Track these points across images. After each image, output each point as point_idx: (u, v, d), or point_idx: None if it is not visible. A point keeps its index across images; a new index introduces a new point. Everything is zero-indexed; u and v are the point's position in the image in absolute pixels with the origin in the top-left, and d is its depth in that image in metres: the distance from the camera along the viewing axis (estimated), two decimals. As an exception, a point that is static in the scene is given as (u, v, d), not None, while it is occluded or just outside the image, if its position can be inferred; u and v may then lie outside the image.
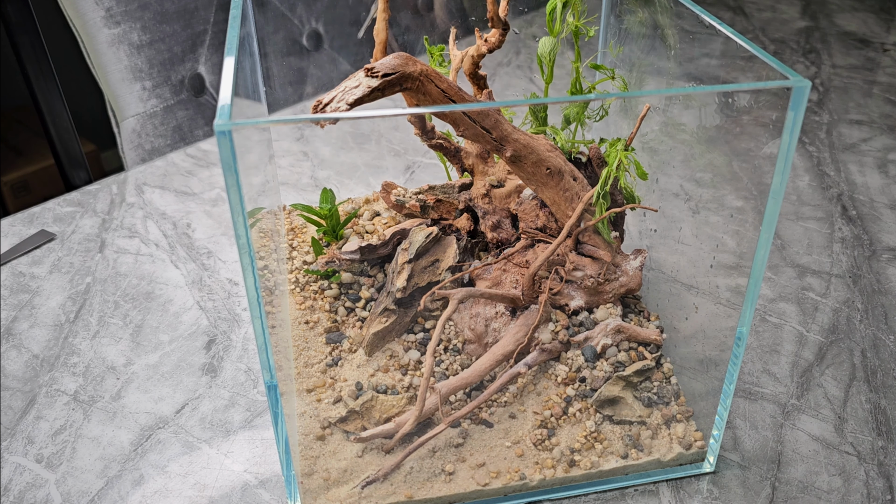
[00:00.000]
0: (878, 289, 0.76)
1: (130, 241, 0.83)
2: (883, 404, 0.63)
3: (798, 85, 0.42)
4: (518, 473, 0.55)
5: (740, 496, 0.56)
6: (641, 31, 0.61)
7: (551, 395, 0.57)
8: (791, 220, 0.86)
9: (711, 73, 0.53)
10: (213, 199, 0.89)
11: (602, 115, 0.63)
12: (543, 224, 0.60)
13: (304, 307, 0.64)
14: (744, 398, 0.64)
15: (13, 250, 0.81)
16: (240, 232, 0.40)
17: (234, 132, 0.38)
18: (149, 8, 1.16)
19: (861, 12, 1.42)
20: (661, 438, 0.57)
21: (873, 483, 0.57)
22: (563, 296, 0.59)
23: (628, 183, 0.60)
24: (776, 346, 0.69)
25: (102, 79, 1.16)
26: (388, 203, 0.67)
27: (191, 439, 0.60)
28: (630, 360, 0.58)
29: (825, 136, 1.02)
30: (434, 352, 0.53)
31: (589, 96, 0.49)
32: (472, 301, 0.59)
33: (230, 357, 0.68)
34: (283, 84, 1.31)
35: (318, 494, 0.53)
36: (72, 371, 0.66)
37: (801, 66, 1.21)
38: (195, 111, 1.25)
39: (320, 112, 0.54)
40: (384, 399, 0.56)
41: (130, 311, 0.73)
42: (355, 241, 0.66)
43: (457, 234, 0.63)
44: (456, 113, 0.51)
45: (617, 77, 0.60)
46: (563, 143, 0.60)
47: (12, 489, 0.56)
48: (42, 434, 0.60)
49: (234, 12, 0.49)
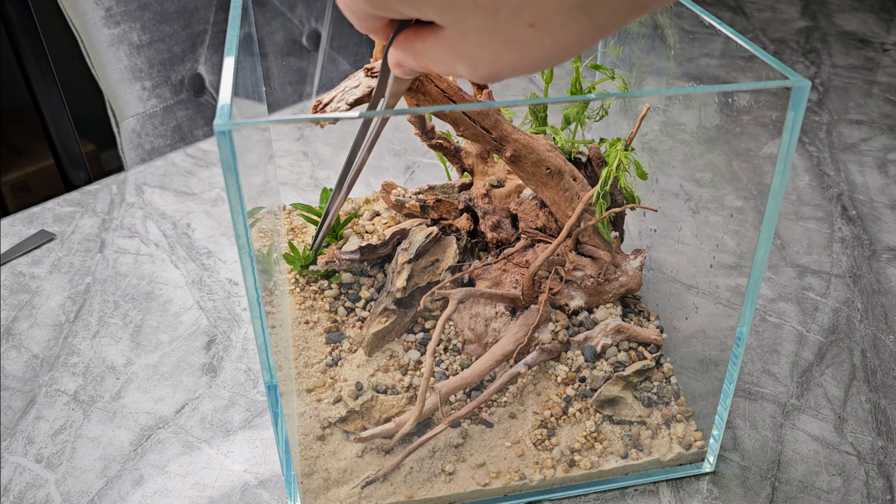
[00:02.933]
0: (878, 289, 0.76)
1: (130, 241, 0.83)
2: (883, 404, 0.63)
3: (798, 85, 0.42)
4: (518, 473, 0.55)
5: (740, 496, 0.56)
6: (641, 31, 0.61)
7: (551, 395, 0.57)
8: (791, 220, 0.86)
9: (711, 73, 0.53)
10: (213, 199, 0.89)
11: (602, 115, 0.63)
12: (543, 224, 0.60)
13: (304, 307, 0.64)
14: (744, 398, 0.64)
15: (13, 250, 0.81)
16: (240, 232, 0.40)
17: (234, 132, 0.38)
18: (149, 8, 1.16)
19: (861, 12, 1.42)
20: (661, 438, 0.57)
21: (873, 483, 0.57)
22: (563, 296, 0.59)
23: (628, 183, 0.60)
24: (776, 346, 0.69)
25: (102, 79, 1.16)
26: (388, 203, 0.67)
27: (191, 439, 0.60)
28: (630, 360, 0.58)
29: (825, 135, 1.02)
30: (434, 352, 0.53)
31: (589, 96, 0.49)
32: (472, 301, 0.59)
33: (230, 357, 0.68)
34: (283, 84, 1.31)
35: (318, 494, 0.53)
36: (72, 371, 0.66)
37: (801, 66, 1.21)
38: (195, 111, 1.25)
39: (320, 112, 0.54)
40: (384, 399, 0.56)
41: (130, 311, 0.73)
42: (355, 241, 0.65)
43: (457, 234, 0.63)
44: (456, 113, 0.51)
45: (617, 77, 0.60)
46: (562, 143, 0.60)
47: (12, 489, 0.56)
48: (42, 434, 0.60)
49: (234, 12, 0.49)
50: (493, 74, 0.32)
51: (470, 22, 0.30)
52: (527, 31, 0.30)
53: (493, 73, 0.32)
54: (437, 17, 0.31)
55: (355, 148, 0.52)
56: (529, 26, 0.29)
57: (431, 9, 0.30)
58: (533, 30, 0.30)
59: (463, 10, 0.30)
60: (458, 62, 0.32)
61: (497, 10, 0.29)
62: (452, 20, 0.31)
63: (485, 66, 0.32)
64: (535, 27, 0.30)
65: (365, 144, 0.51)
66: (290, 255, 0.65)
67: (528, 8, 0.29)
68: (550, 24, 0.29)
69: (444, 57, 0.32)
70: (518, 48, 0.30)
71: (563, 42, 0.30)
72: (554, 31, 0.30)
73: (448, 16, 0.30)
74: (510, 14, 0.29)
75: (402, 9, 0.31)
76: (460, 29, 0.31)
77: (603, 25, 0.30)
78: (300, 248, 0.68)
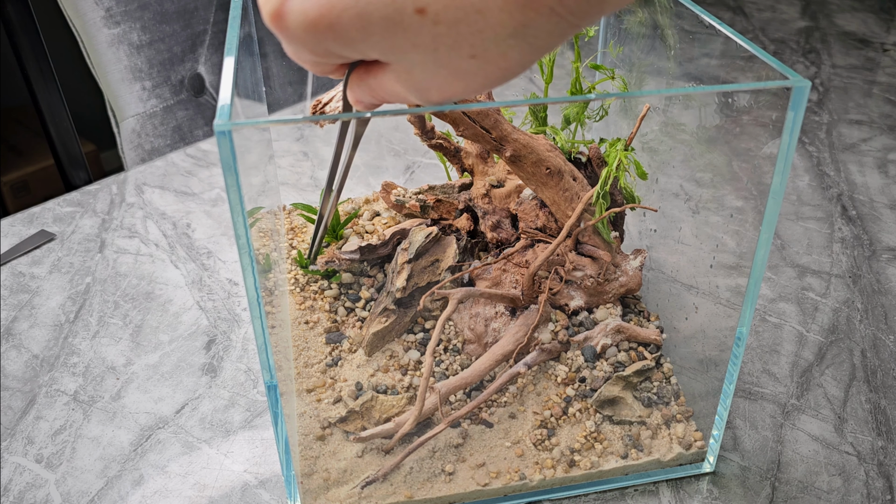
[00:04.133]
0: (878, 289, 0.76)
1: (130, 241, 0.83)
2: (883, 404, 0.63)
3: (798, 85, 0.42)
4: (518, 473, 0.55)
5: (740, 496, 0.56)
6: (641, 31, 0.61)
7: (551, 395, 0.57)
8: (791, 220, 0.86)
9: (711, 73, 0.53)
10: (213, 199, 0.89)
11: (602, 115, 0.63)
12: (543, 224, 0.60)
13: (304, 307, 0.64)
14: (744, 398, 0.64)
15: (13, 250, 0.81)
16: (240, 232, 0.40)
17: (234, 132, 0.38)
18: (149, 8, 1.16)
19: (861, 12, 1.42)
20: (660, 438, 0.57)
21: (873, 483, 0.57)
22: (563, 296, 0.59)
23: (628, 183, 0.60)
24: (776, 346, 0.69)
25: (102, 79, 1.16)
26: (388, 203, 0.67)
27: (191, 439, 0.60)
28: (630, 360, 0.58)
29: (825, 136, 1.02)
30: (434, 352, 0.53)
31: (589, 96, 0.49)
32: (472, 301, 0.59)
33: (230, 357, 0.68)
34: (283, 84, 1.31)
35: (317, 494, 0.53)
36: (72, 371, 0.66)
37: (801, 66, 1.21)
38: (195, 111, 1.25)
39: (320, 112, 0.54)
40: (384, 399, 0.56)
41: (130, 311, 0.73)
42: (355, 241, 0.65)
43: (457, 234, 0.63)
44: (456, 113, 0.51)
45: (617, 77, 0.60)
46: (562, 143, 0.60)
47: (12, 489, 0.56)
48: (42, 434, 0.60)
49: (234, 12, 0.49)
50: (445, 100, 0.33)
51: (413, 59, 0.31)
52: (469, 62, 0.31)
53: (444, 98, 0.33)
54: (381, 57, 0.32)
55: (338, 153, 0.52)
56: (471, 58, 0.31)
57: (374, 51, 0.31)
58: (475, 60, 0.31)
59: (404, 52, 0.31)
60: (409, 93, 0.33)
61: (437, 47, 0.30)
62: (396, 59, 0.32)
63: (435, 93, 0.33)
64: (476, 58, 0.31)
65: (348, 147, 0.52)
66: (296, 258, 0.66)
67: (466, 42, 0.30)
68: (490, 54, 0.30)
69: (395, 89, 0.34)
70: (463, 77, 0.32)
71: (505, 66, 0.31)
72: (495, 59, 0.31)
73: (390, 56, 0.31)
74: (450, 50, 0.30)
75: (346, 53, 0.32)
76: (405, 65, 0.32)
77: (541, 47, 0.31)
78: (300, 249, 0.68)
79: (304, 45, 0.32)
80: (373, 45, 0.31)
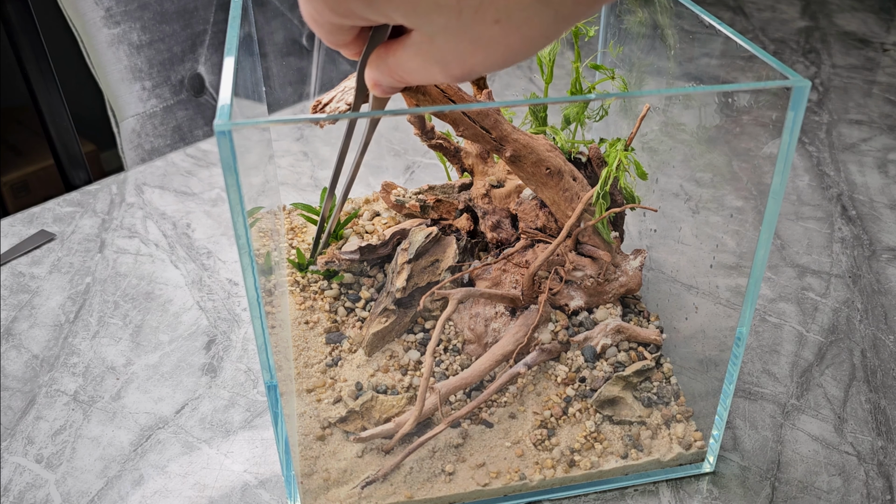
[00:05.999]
0: (878, 289, 0.76)
1: (130, 241, 0.83)
2: (883, 404, 0.63)
3: (798, 85, 0.42)
4: (518, 473, 0.55)
5: (740, 496, 0.56)
6: (641, 31, 0.61)
7: (551, 396, 0.57)
8: (791, 220, 0.86)
9: (711, 73, 0.53)
10: (213, 199, 0.89)
11: (602, 115, 0.63)
12: (543, 224, 0.60)
13: (304, 307, 0.64)
14: (744, 398, 0.64)
15: (13, 250, 0.81)
16: (240, 232, 0.40)
17: (234, 132, 0.38)
18: (148, 8, 1.16)
19: (861, 12, 1.42)
20: (660, 438, 0.57)
21: (873, 483, 0.57)
22: (563, 296, 0.59)
23: (628, 183, 0.60)
24: (776, 346, 0.69)
25: (102, 79, 1.16)
26: (388, 203, 0.67)
27: (191, 439, 0.60)
28: (630, 361, 0.58)
29: (825, 136, 1.02)
30: (434, 352, 0.53)
31: (589, 96, 0.49)
32: (472, 301, 0.59)
33: (230, 357, 0.68)
34: (283, 84, 1.31)
35: (317, 494, 0.53)
36: (72, 371, 0.66)
37: (801, 66, 1.21)
38: (195, 111, 1.25)
39: (320, 112, 0.54)
40: (384, 399, 0.56)
41: (130, 311, 0.73)
42: (355, 241, 0.65)
43: (457, 234, 0.63)
44: (456, 113, 0.51)
45: (617, 77, 0.60)
46: (562, 143, 0.60)
47: (12, 489, 0.56)
48: (42, 434, 0.60)
49: (234, 12, 0.49)
50: (465, 73, 0.33)
51: (436, 23, 0.31)
52: (492, 28, 0.30)
53: (465, 72, 0.33)
54: (403, 20, 0.31)
55: (342, 154, 0.52)
56: (495, 23, 0.30)
57: (396, 12, 0.31)
58: (498, 26, 0.30)
59: (427, 12, 0.30)
60: (430, 66, 0.33)
61: (461, 9, 0.30)
62: (418, 23, 0.31)
63: (456, 66, 0.32)
64: (500, 23, 0.30)
65: (358, 149, 0.52)
66: (293, 260, 0.66)
67: (491, 6, 0.30)
68: (515, 19, 0.30)
69: (415, 64, 0.33)
70: (485, 45, 0.31)
71: (528, 36, 0.31)
72: (519, 26, 0.30)
73: (413, 19, 0.31)
74: (474, 13, 0.30)
75: (368, 14, 0.31)
76: (427, 31, 0.31)
77: (567, 16, 0.30)
78: (301, 249, 0.68)
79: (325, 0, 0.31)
80: (397, 4, 0.30)
